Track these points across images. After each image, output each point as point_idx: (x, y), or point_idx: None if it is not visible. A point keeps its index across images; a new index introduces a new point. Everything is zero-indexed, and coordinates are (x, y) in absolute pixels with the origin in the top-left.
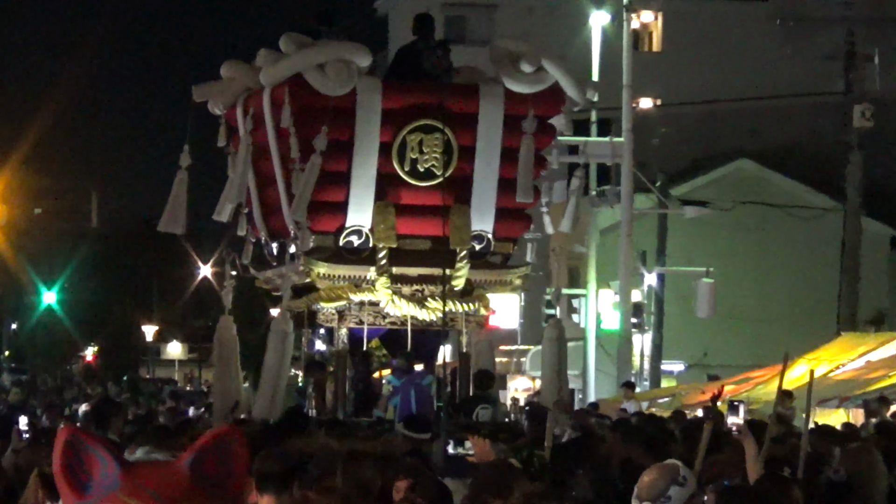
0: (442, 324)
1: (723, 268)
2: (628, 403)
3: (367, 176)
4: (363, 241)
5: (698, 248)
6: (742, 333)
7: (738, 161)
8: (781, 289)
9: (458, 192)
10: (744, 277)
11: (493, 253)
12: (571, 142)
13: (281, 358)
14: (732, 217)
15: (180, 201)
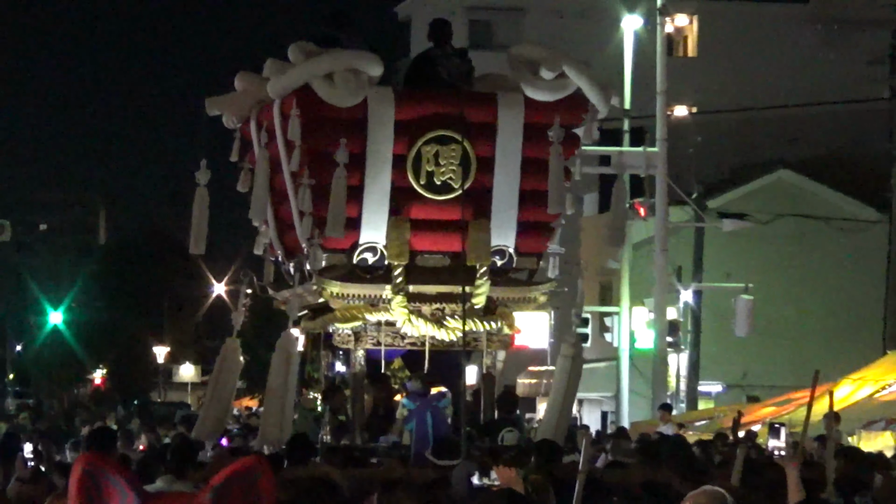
0: (463, 344)
1: (762, 283)
2: (665, 427)
3: (381, 190)
4: (378, 258)
5: (736, 263)
6: (783, 352)
7: (777, 171)
8: (824, 305)
9: (477, 206)
10: (784, 293)
11: (515, 269)
12: (602, 152)
13: (284, 380)
14: (772, 230)
15: (203, 221)
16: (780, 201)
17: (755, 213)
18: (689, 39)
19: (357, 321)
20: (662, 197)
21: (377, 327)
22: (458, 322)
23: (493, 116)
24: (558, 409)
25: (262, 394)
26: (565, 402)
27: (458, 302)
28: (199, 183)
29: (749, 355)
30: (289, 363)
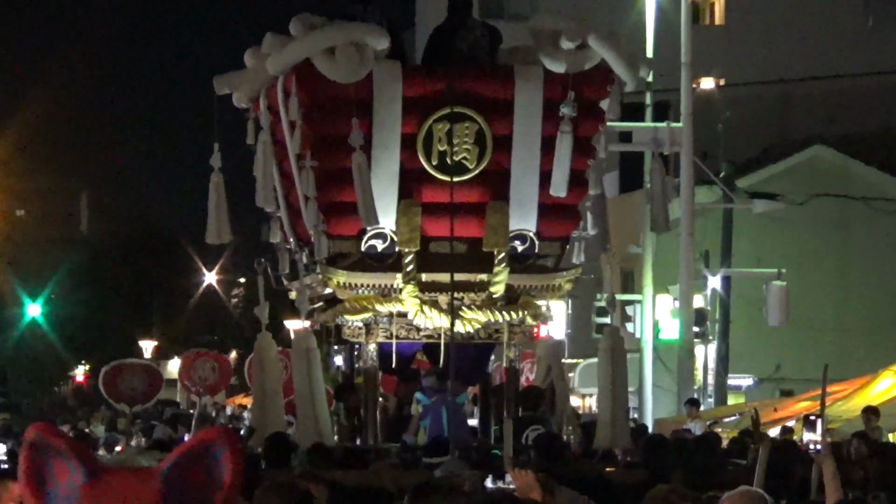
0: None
1: (797, 269)
2: (693, 423)
3: (389, 172)
4: (387, 245)
5: (769, 248)
6: (819, 343)
7: (814, 148)
8: (864, 293)
9: (494, 188)
10: (821, 280)
11: (538, 255)
12: (623, 128)
13: (309, 379)
14: (808, 212)
15: (221, 207)
16: (817, 181)
17: (789, 193)
18: (717, 6)
19: (367, 313)
20: (688, 176)
21: (389, 319)
22: (477, 312)
23: (509, 91)
24: (610, 407)
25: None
26: (616, 398)
27: (475, 291)
28: (214, 167)
29: (782, 347)
30: (309, 361)
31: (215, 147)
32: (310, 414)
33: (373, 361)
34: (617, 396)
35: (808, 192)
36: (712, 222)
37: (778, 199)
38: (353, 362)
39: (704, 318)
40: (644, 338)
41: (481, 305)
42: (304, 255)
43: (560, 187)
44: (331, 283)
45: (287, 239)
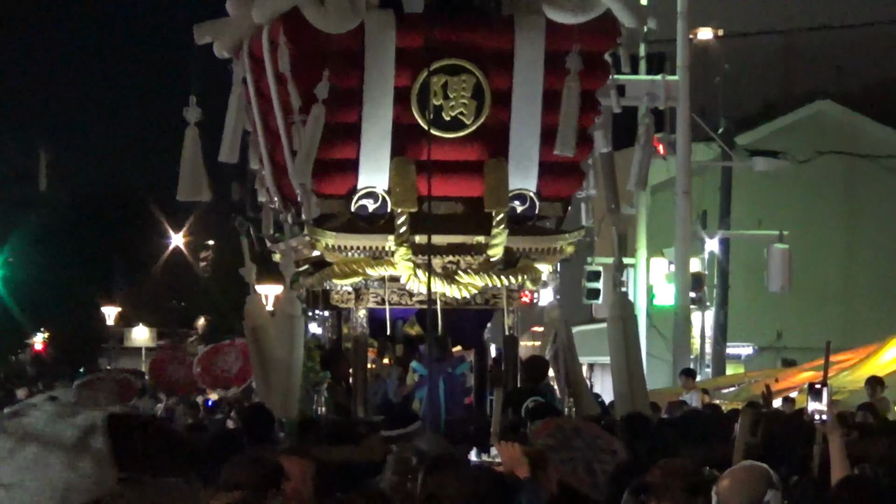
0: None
1: (800, 232)
2: (689, 395)
3: (382, 128)
4: (379, 205)
5: (770, 209)
6: (823, 310)
7: (818, 103)
8: (871, 256)
9: (493, 145)
10: (825, 242)
11: (539, 216)
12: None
13: (290, 348)
14: (812, 170)
15: (197, 162)
16: (822, 137)
17: (792, 151)
18: None
19: (357, 277)
20: (685, 133)
21: (381, 284)
22: (473, 277)
23: (509, 42)
24: (627, 379)
25: None
26: (631, 369)
27: (472, 254)
28: (189, 121)
29: (784, 314)
30: (292, 329)
31: (191, 100)
32: (283, 385)
33: (362, 328)
34: (633, 368)
35: (813, 150)
36: (710, 181)
37: (780, 157)
38: (340, 328)
39: (701, 283)
40: (637, 304)
41: (478, 269)
42: (289, 216)
43: (568, 145)
44: (318, 245)
45: (272, 198)
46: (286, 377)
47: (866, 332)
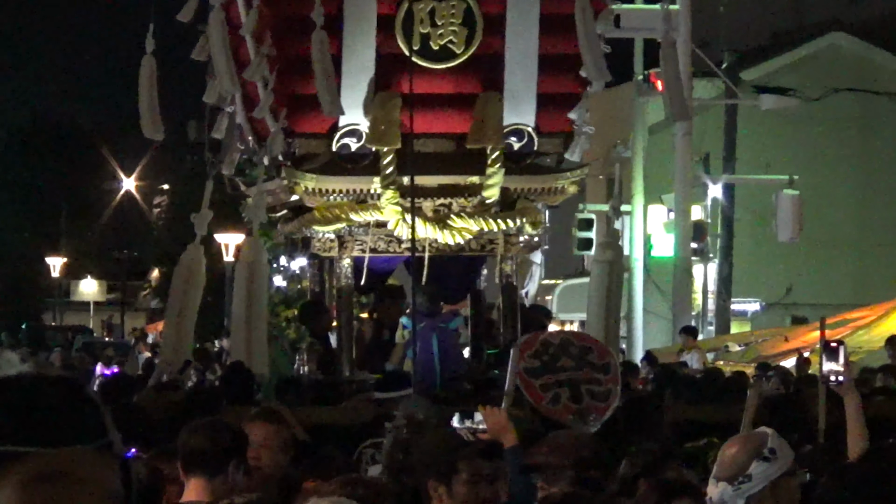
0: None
1: (811, 176)
2: (690, 355)
3: (364, 59)
4: (362, 143)
5: (778, 151)
6: (836, 262)
7: (831, 35)
8: (889, 203)
9: (486, 76)
10: (839, 188)
11: (537, 153)
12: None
13: (248, 298)
14: (823, 109)
15: (154, 97)
16: (835, 73)
17: (802, 87)
18: None
19: (340, 223)
20: (685, 67)
21: (365, 230)
22: (466, 221)
23: None
24: (601, 330)
25: None
26: (609, 320)
27: (465, 196)
28: (147, 51)
29: (794, 266)
30: (253, 278)
31: (150, 27)
32: (242, 338)
33: (347, 279)
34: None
35: (825, 86)
36: (713, 121)
37: (789, 94)
38: (323, 280)
39: (704, 232)
40: (634, 255)
41: (472, 213)
42: (263, 156)
43: (599, 71)
44: (297, 188)
45: (243, 136)
46: (247, 330)
47: (883, 286)
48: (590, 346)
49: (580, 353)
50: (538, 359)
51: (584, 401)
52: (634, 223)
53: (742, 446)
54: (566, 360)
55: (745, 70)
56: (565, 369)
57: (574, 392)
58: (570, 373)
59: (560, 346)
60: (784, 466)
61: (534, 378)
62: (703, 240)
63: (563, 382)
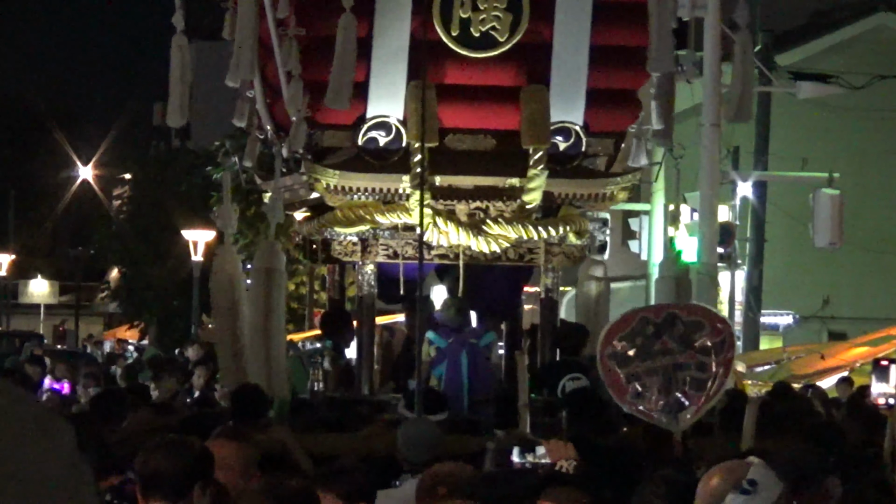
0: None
1: (853, 174)
2: None
3: (397, 45)
4: (392, 138)
5: (817, 145)
6: (880, 271)
7: (876, 15)
8: None
9: (532, 67)
10: (884, 187)
11: (585, 154)
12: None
13: (266, 308)
14: (868, 98)
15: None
16: (881, 58)
17: (844, 74)
18: None
19: (364, 224)
20: (714, 50)
21: (392, 233)
22: (503, 227)
23: None
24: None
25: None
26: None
27: (504, 199)
28: (177, 28)
29: (832, 275)
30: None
31: (178, 3)
32: (260, 350)
33: (370, 287)
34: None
35: (870, 73)
36: None
37: (830, 81)
38: (343, 287)
39: (732, 235)
40: (653, 261)
41: (511, 219)
42: (283, 148)
43: (664, 60)
44: (318, 185)
45: (261, 125)
46: (266, 345)
47: None
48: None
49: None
50: (630, 342)
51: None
52: (654, 225)
53: (722, 477)
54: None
55: (780, 54)
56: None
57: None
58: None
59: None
60: (767, 501)
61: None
62: (730, 244)
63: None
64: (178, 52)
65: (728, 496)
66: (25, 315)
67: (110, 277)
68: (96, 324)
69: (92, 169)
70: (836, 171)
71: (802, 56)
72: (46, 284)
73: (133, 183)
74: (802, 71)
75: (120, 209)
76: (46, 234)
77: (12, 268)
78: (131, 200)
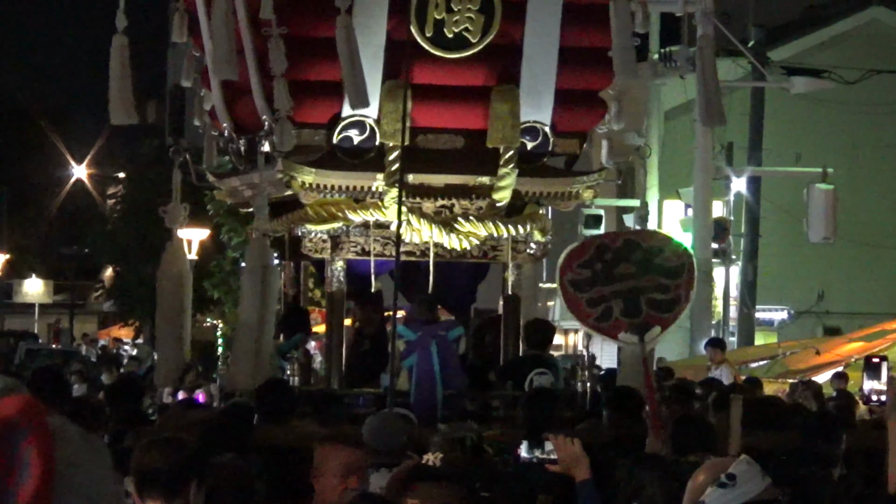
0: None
1: (848, 168)
2: (718, 370)
3: (372, 45)
4: (366, 136)
5: (811, 140)
6: (875, 266)
7: (870, 9)
8: None
9: (503, 67)
10: (878, 183)
11: (552, 153)
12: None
13: (260, 304)
14: (861, 93)
15: (126, 78)
16: (874, 53)
17: (838, 69)
18: None
19: (335, 222)
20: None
21: (363, 231)
22: (473, 224)
23: None
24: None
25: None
26: None
27: (472, 197)
28: (117, 28)
29: (827, 270)
30: (264, 282)
31: (121, 3)
32: (250, 345)
33: (339, 283)
34: None
35: (863, 68)
36: (738, 105)
37: (823, 76)
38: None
39: (726, 231)
40: None
41: (480, 216)
42: (241, 146)
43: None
44: (294, 183)
45: (217, 124)
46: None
47: None
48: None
49: (645, 257)
50: (589, 268)
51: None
52: (648, 220)
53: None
54: (626, 267)
55: (773, 48)
56: (624, 277)
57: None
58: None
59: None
60: (746, 495)
61: (580, 292)
62: (724, 240)
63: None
64: (118, 52)
65: (707, 489)
66: (20, 314)
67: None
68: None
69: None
70: (829, 165)
71: (795, 51)
72: (41, 284)
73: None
74: (795, 66)
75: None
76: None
77: (6, 267)
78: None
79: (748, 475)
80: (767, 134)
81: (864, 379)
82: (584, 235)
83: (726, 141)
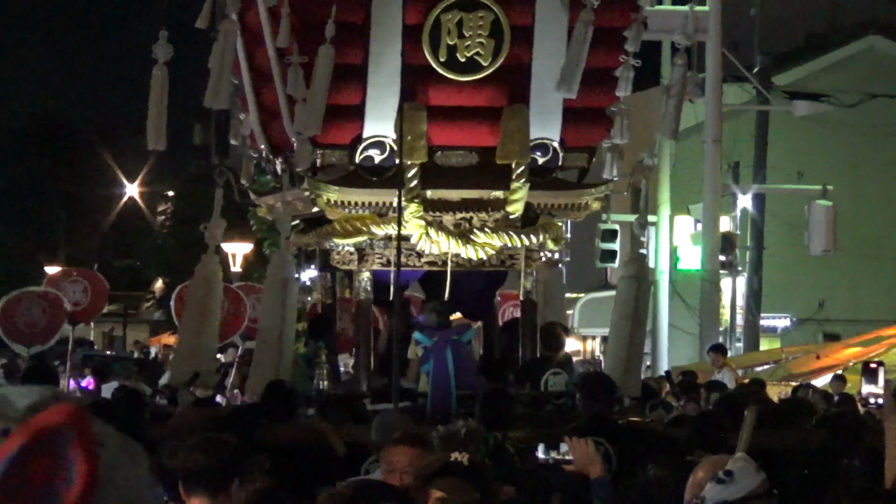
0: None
1: (846, 186)
2: (721, 373)
3: (390, 70)
4: (386, 156)
5: (812, 159)
6: (872, 276)
7: (867, 37)
8: None
9: (513, 88)
10: (875, 199)
11: (561, 167)
12: None
13: (281, 314)
14: (860, 115)
15: (162, 109)
16: (872, 77)
17: (838, 93)
18: None
19: (361, 236)
20: (715, 71)
21: (386, 243)
22: (489, 236)
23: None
24: (625, 348)
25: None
26: (634, 338)
27: (488, 210)
28: (158, 59)
29: (827, 280)
30: (285, 292)
31: (161, 35)
32: (273, 353)
33: (366, 292)
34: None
35: (862, 92)
36: (744, 127)
37: (824, 99)
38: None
39: (732, 244)
40: (659, 268)
41: (496, 228)
42: (278, 165)
43: (570, 85)
44: (320, 200)
45: (256, 145)
46: (277, 348)
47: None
48: None
49: None
50: None
51: None
52: (660, 234)
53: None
54: None
55: (777, 74)
56: None
57: None
58: None
59: None
60: (743, 490)
61: None
62: (731, 252)
63: None
64: (157, 83)
65: (707, 485)
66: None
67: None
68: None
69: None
70: (830, 183)
71: (798, 76)
72: None
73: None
74: (798, 90)
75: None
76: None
77: None
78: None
79: (745, 471)
80: (772, 154)
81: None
82: (600, 249)
83: (733, 160)
